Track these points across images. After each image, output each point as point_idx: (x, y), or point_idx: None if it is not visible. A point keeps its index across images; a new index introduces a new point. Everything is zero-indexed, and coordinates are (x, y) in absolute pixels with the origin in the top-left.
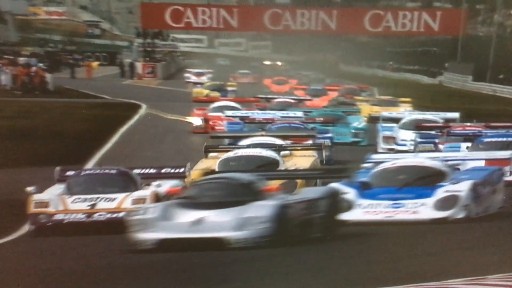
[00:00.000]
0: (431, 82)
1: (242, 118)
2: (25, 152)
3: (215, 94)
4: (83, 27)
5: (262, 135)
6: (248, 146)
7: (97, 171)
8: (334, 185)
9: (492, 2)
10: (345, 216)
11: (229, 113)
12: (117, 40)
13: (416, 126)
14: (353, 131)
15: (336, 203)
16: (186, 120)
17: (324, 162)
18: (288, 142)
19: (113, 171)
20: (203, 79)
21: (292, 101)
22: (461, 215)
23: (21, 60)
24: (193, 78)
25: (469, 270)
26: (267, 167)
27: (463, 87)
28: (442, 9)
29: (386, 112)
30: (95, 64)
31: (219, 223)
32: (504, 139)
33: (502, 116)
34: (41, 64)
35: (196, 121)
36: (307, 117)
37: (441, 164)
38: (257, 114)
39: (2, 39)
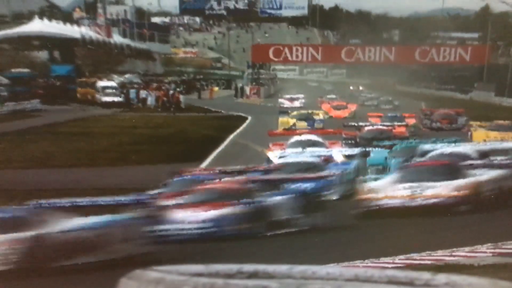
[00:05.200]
0: (464, 97)
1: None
2: (161, 153)
3: (302, 124)
4: (209, 62)
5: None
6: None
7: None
8: None
9: (509, 40)
10: None
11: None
12: (233, 70)
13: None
14: None
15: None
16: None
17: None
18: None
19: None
20: (296, 104)
21: (384, 128)
22: None
23: (163, 86)
24: (287, 104)
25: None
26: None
27: (487, 101)
28: (472, 45)
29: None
30: (216, 88)
31: None
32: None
33: None
34: (177, 89)
35: (275, 158)
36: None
37: None
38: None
39: (151, 71)
